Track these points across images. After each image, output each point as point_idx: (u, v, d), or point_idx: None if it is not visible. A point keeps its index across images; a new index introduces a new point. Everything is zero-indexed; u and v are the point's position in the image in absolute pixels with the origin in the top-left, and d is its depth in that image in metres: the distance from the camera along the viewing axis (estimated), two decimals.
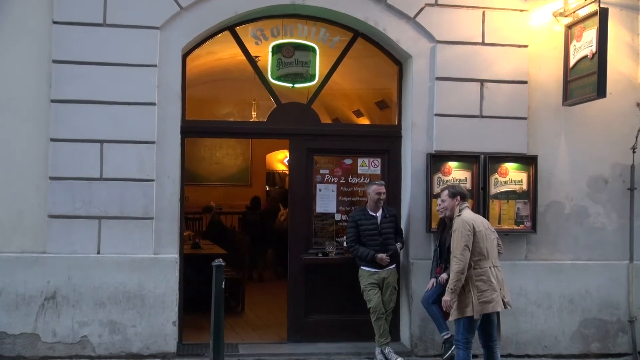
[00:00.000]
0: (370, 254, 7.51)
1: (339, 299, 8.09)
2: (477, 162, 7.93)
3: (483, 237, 6.21)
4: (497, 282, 6.24)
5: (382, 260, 7.51)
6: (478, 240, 6.17)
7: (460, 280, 6.11)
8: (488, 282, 6.18)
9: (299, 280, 8.12)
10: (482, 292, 6.16)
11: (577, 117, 8.21)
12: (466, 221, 6.21)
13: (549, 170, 8.15)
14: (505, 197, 8.02)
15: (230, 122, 9.97)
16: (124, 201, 7.42)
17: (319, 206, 8.21)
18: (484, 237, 6.22)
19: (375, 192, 7.62)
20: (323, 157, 8.30)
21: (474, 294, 6.12)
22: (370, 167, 8.30)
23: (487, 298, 6.15)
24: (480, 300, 6.14)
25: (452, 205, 6.46)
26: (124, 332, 7.41)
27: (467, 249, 6.11)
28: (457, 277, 6.12)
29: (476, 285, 6.16)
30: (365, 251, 7.53)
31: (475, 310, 6.13)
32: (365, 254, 7.53)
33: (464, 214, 6.30)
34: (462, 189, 6.60)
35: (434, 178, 7.89)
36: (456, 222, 6.26)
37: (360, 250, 7.55)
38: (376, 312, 7.51)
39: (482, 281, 6.16)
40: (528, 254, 8.11)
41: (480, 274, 6.17)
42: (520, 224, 8.05)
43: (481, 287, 6.15)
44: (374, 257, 7.51)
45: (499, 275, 6.31)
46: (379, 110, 9.85)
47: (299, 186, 8.17)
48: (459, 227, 6.20)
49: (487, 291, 6.16)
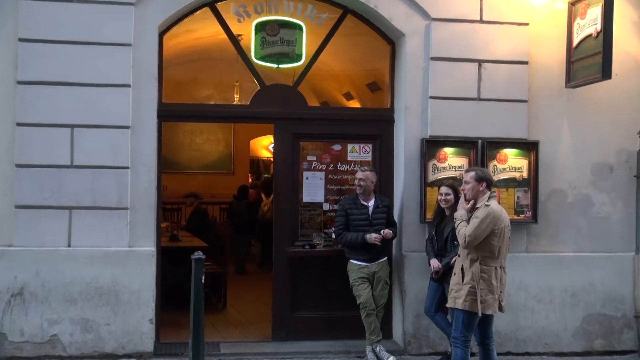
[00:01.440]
0: (359, 237, 7.46)
1: (327, 294, 8.10)
2: (474, 148, 7.93)
3: (501, 235, 6.16)
4: (498, 284, 6.22)
5: (372, 239, 7.44)
6: (493, 237, 6.13)
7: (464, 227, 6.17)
8: (488, 282, 6.16)
9: (285, 274, 8.10)
10: (481, 291, 6.15)
11: (580, 100, 8.21)
12: (495, 216, 6.12)
13: (551, 156, 8.15)
14: (505, 185, 8.02)
15: (211, 105, 9.90)
16: (97, 190, 7.37)
17: (306, 195, 8.20)
18: (502, 234, 6.17)
19: (356, 176, 7.65)
20: (310, 143, 8.28)
21: (477, 290, 6.11)
22: (360, 153, 8.29)
23: (481, 297, 6.14)
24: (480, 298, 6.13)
25: (476, 190, 6.27)
26: (96, 330, 7.37)
27: (478, 237, 6.07)
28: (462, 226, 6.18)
29: (479, 281, 6.14)
30: (354, 235, 7.50)
31: (479, 307, 6.12)
32: (354, 237, 7.49)
33: (492, 204, 6.19)
34: (490, 175, 6.41)
35: (429, 165, 7.88)
36: (483, 212, 6.13)
37: (349, 235, 7.52)
38: (366, 308, 7.49)
39: (483, 279, 6.15)
40: (528, 246, 8.13)
41: (484, 271, 6.15)
42: (520, 214, 8.06)
43: (481, 286, 6.14)
44: (363, 239, 7.44)
45: (503, 277, 6.29)
46: (370, 93, 9.83)
47: (285, 174, 8.15)
48: (485, 217, 6.10)
49: (483, 290, 6.15)
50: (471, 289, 6.13)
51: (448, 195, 7.21)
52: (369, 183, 7.60)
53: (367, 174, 7.62)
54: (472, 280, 6.14)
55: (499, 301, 6.24)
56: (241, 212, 12.96)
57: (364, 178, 7.58)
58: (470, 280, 6.14)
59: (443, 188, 7.30)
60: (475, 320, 6.23)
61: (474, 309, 6.13)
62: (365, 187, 7.58)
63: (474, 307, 6.13)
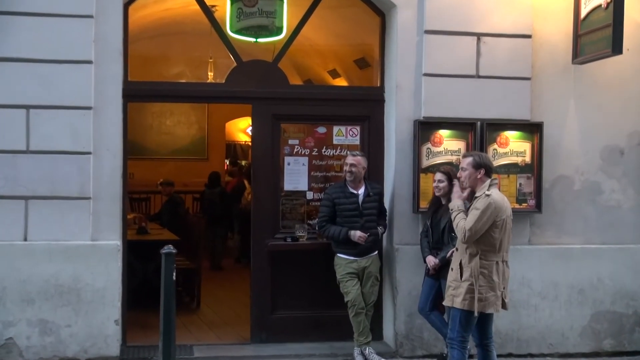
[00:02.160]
0: (342, 232, 7.47)
1: (312, 292, 8.12)
2: (472, 131, 7.93)
3: (502, 227, 6.18)
4: (500, 280, 6.24)
5: (357, 237, 7.47)
6: (494, 229, 6.15)
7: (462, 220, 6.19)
8: (488, 278, 6.18)
9: (264, 270, 8.11)
10: (480, 288, 6.17)
11: (589, 77, 8.23)
12: (497, 206, 6.13)
13: (556, 139, 8.18)
14: (506, 170, 8.05)
15: (182, 84, 9.84)
16: (56, 178, 7.34)
17: (288, 183, 8.22)
18: (503, 226, 6.19)
19: (346, 162, 7.65)
20: (292, 125, 8.29)
21: (475, 287, 6.14)
22: (347, 136, 8.30)
23: (481, 295, 6.16)
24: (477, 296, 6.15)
25: (474, 177, 6.29)
26: (57, 333, 7.35)
27: (479, 230, 6.09)
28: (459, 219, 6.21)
29: (478, 277, 6.16)
30: (337, 229, 7.51)
31: (475, 306, 6.15)
32: (337, 232, 7.50)
33: (493, 193, 6.20)
34: (489, 161, 6.41)
35: (423, 149, 7.87)
36: (483, 202, 6.14)
37: (332, 229, 7.53)
38: (355, 306, 7.51)
39: (482, 275, 6.16)
40: (531, 238, 8.16)
41: (483, 266, 6.17)
42: (523, 203, 8.08)
43: (480, 282, 6.17)
44: (347, 235, 7.45)
45: (505, 272, 6.31)
46: (358, 70, 9.83)
47: (264, 159, 8.15)
48: (485, 208, 6.10)
49: (483, 287, 6.17)
50: (470, 287, 6.15)
51: (441, 182, 7.22)
52: (360, 169, 7.60)
53: (359, 159, 7.61)
54: (471, 276, 6.15)
55: (502, 298, 6.28)
56: (214, 201, 12.98)
57: (356, 164, 7.57)
58: (470, 277, 6.15)
59: (437, 174, 7.32)
60: (473, 320, 6.25)
61: (474, 308, 6.15)
62: (357, 174, 7.58)
63: (474, 306, 6.15)
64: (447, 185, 7.17)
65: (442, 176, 7.23)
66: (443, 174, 7.25)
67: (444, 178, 7.21)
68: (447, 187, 7.16)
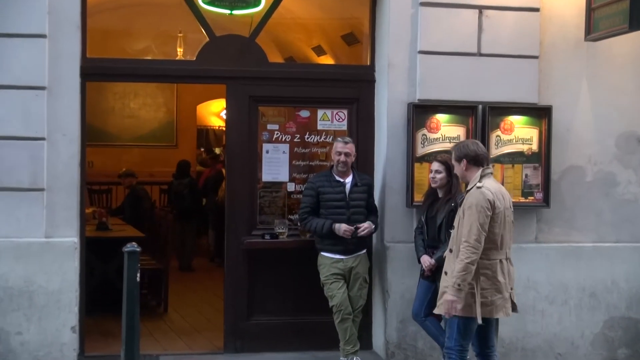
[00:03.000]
0: (326, 225, 7.50)
1: (293, 296, 8.17)
2: (473, 115, 7.96)
3: (501, 220, 6.20)
4: (507, 280, 6.26)
5: (342, 231, 7.47)
6: (493, 224, 6.16)
7: (470, 273, 6.07)
8: (493, 280, 6.19)
9: (240, 271, 8.12)
10: (483, 291, 6.19)
11: (603, 55, 8.26)
12: (486, 196, 6.14)
13: (567, 125, 8.21)
14: (510, 160, 8.09)
15: (148, 61, 9.80)
16: (4, 167, 7.31)
17: (266, 173, 8.24)
18: (502, 219, 6.21)
19: (336, 150, 7.64)
20: (271, 109, 8.33)
21: (477, 291, 6.15)
22: (333, 121, 8.32)
23: (486, 299, 6.18)
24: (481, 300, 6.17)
25: (461, 173, 6.43)
26: (6, 341, 7.32)
27: (483, 233, 6.09)
28: (466, 269, 6.07)
29: (479, 279, 6.17)
30: (320, 221, 7.54)
31: (477, 312, 6.16)
32: (321, 224, 7.52)
33: (485, 184, 6.23)
34: (470, 149, 6.37)
35: (417, 136, 7.89)
36: (473, 197, 6.17)
37: (314, 221, 7.57)
38: (341, 311, 7.52)
39: (485, 276, 6.17)
40: (538, 235, 8.19)
41: (485, 266, 6.17)
42: (529, 196, 8.13)
43: (482, 284, 6.18)
44: (331, 229, 7.47)
45: (510, 270, 6.34)
46: (346, 47, 9.85)
47: (239, 147, 8.15)
48: (475, 202, 6.12)
49: (488, 290, 6.18)
50: (471, 290, 6.16)
51: (438, 173, 7.22)
52: (352, 158, 7.66)
53: (352, 147, 7.64)
54: (473, 280, 6.14)
55: (510, 300, 6.31)
56: (182, 194, 13.03)
57: (350, 152, 7.61)
58: (471, 281, 6.14)
59: (434, 164, 7.33)
60: (473, 326, 6.27)
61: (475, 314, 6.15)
62: (349, 164, 7.64)
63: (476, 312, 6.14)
64: (445, 176, 7.18)
65: (440, 166, 7.23)
66: (441, 163, 7.24)
67: (442, 168, 7.20)
68: (445, 179, 7.18)
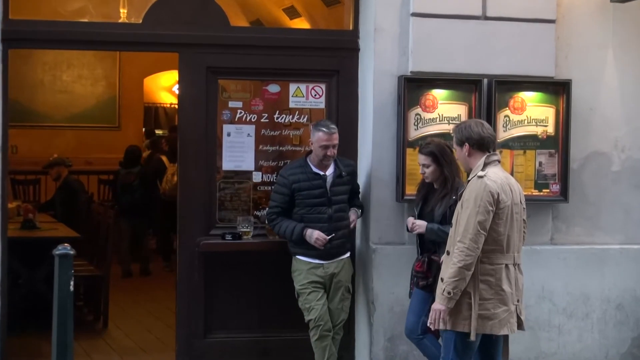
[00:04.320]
0: (297, 229, 7.51)
1: (260, 308, 8.20)
2: (477, 91, 7.98)
3: (507, 216, 6.18)
4: (513, 289, 6.25)
5: (313, 239, 7.48)
6: (497, 220, 6.16)
7: (464, 280, 6.07)
8: (496, 289, 6.17)
9: (195, 278, 8.12)
10: (484, 302, 6.17)
11: (632, 20, 8.31)
12: (488, 187, 6.13)
13: (589, 103, 8.26)
14: (521, 145, 8.14)
15: (84, 24, 9.69)
16: None
17: (228, 160, 8.26)
18: (509, 215, 6.21)
19: (321, 143, 7.54)
20: (234, 82, 8.32)
21: (474, 301, 6.13)
22: (308, 97, 8.35)
23: (487, 312, 6.16)
24: (479, 313, 6.15)
25: (463, 159, 6.45)
26: None
27: (482, 233, 6.08)
28: (459, 274, 6.07)
29: (479, 288, 6.16)
30: (290, 225, 7.54)
31: (471, 326, 6.14)
32: (290, 229, 7.53)
33: (489, 173, 6.23)
34: (473, 130, 6.36)
35: (410, 115, 7.92)
36: (472, 187, 6.19)
37: (284, 224, 7.58)
38: (319, 327, 7.54)
39: (487, 284, 6.16)
40: (554, 235, 8.24)
41: (487, 272, 6.16)
42: (544, 188, 8.17)
43: (483, 294, 6.16)
44: (302, 234, 7.49)
45: (518, 278, 6.33)
46: (324, 8, 9.88)
47: (195, 129, 8.15)
48: (475, 194, 6.11)
49: (490, 301, 6.16)
50: (468, 301, 6.16)
51: (426, 167, 7.19)
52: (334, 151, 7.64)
53: (337, 136, 7.60)
54: (470, 287, 6.14)
55: (516, 315, 6.29)
56: (132, 185, 13.05)
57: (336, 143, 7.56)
58: (468, 288, 6.14)
59: (419, 157, 7.29)
60: (472, 344, 6.26)
61: (479, 329, 6.15)
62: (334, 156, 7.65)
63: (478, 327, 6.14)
64: (435, 168, 7.15)
65: (426, 159, 7.17)
66: (426, 155, 7.18)
67: (429, 161, 7.16)
68: (436, 171, 7.16)
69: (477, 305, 6.13)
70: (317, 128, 7.59)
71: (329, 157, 7.55)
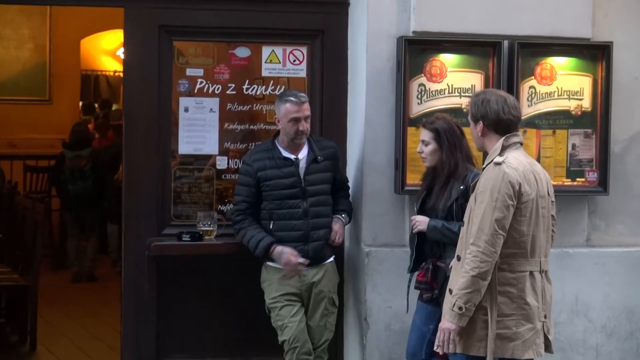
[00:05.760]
0: (262, 244, 7.48)
1: (224, 326, 8.23)
2: (495, 56, 8.00)
3: (531, 212, 6.17)
4: (540, 303, 6.25)
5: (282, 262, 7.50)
6: (520, 217, 6.14)
7: (478, 292, 6.06)
8: (518, 302, 6.16)
9: (145, 288, 8.14)
10: (503, 319, 6.16)
11: None
12: (508, 176, 6.11)
13: (635, 71, 8.33)
14: (550, 123, 8.17)
15: None
16: None
17: (185, 142, 8.31)
18: (533, 211, 6.17)
19: (290, 116, 7.53)
20: (193, 45, 8.37)
21: (491, 318, 6.10)
22: (286, 64, 8.38)
23: (508, 331, 6.15)
24: (497, 332, 6.15)
25: (477, 139, 6.45)
26: None
27: (500, 233, 6.06)
28: (473, 284, 6.06)
29: (497, 302, 6.15)
30: (255, 236, 7.52)
31: (488, 349, 6.14)
32: (255, 242, 7.51)
33: (509, 159, 6.19)
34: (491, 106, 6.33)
35: (412, 86, 7.92)
36: (487, 176, 6.19)
37: (248, 233, 7.59)
38: (296, 349, 7.53)
39: (507, 297, 6.15)
40: (591, 235, 8.30)
41: (507, 282, 6.15)
42: (578, 177, 8.21)
43: (503, 309, 6.15)
44: (268, 250, 7.49)
45: (546, 289, 6.32)
46: None
47: (144, 102, 8.15)
48: (491, 185, 6.10)
49: (511, 318, 6.15)
50: (484, 317, 6.16)
51: (425, 144, 7.16)
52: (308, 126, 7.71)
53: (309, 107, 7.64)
54: (487, 301, 6.14)
55: (543, 334, 6.27)
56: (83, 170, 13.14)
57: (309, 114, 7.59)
58: (484, 302, 6.14)
59: (421, 131, 7.28)
60: None
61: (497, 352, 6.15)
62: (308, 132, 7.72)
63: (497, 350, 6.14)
64: (435, 149, 7.11)
65: (428, 134, 7.15)
66: (429, 131, 7.17)
67: (429, 138, 7.14)
68: (435, 153, 7.11)
69: (495, 323, 6.13)
70: (283, 99, 7.60)
71: (301, 134, 7.53)
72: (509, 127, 6.30)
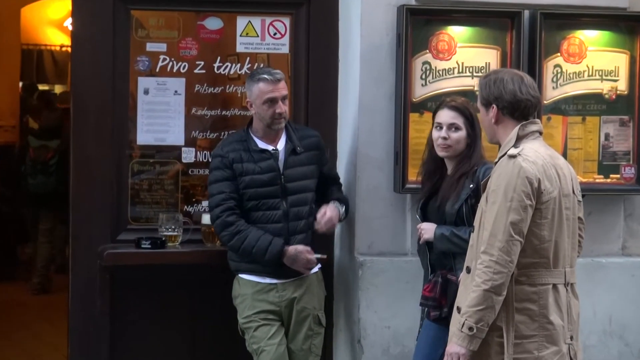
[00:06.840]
0: (274, 248, 7.42)
1: (193, 348, 8.25)
2: (514, 28, 8.02)
3: (553, 214, 6.12)
4: (565, 321, 6.21)
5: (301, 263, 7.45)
6: (540, 219, 6.09)
7: (492, 310, 6.03)
8: (540, 321, 6.11)
9: (97, 305, 8.09)
10: (523, 341, 6.11)
11: None
12: (525, 171, 6.05)
13: None
14: (578, 109, 8.18)
15: None
16: None
17: (145, 131, 8.34)
18: (556, 212, 6.12)
19: (265, 97, 7.51)
20: (154, 15, 8.38)
21: (507, 341, 6.03)
22: (265, 37, 8.44)
23: (528, 355, 6.10)
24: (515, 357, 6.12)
25: (488, 127, 6.40)
26: None
27: (516, 239, 6.02)
28: (486, 301, 6.04)
29: (514, 321, 6.10)
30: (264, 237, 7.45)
31: None
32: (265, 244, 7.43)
33: (525, 150, 6.14)
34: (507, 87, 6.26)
35: (415, 65, 7.92)
36: (500, 171, 6.15)
37: (250, 234, 7.49)
38: None
39: (527, 315, 6.10)
40: (627, 242, 8.32)
41: (527, 297, 6.11)
42: (612, 173, 8.21)
43: (522, 329, 6.10)
44: (281, 253, 7.45)
45: (573, 305, 6.25)
46: None
47: (95, 83, 8.13)
48: (505, 182, 6.06)
49: (531, 340, 6.09)
50: (499, 339, 6.12)
51: (454, 130, 7.04)
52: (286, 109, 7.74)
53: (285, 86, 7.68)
54: (502, 320, 6.11)
55: (570, 358, 6.23)
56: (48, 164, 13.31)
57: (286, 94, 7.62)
58: (499, 322, 6.10)
59: (443, 113, 7.15)
60: None
61: None
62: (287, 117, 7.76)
63: None
64: (465, 135, 7.01)
65: (457, 117, 7.05)
66: (458, 111, 7.07)
67: (461, 122, 7.04)
68: (465, 140, 7.02)
69: (513, 347, 6.08)
70: (255, 78, 7.60)
71: (279, 117, 7.51)
72: (527, 110, 6.26)
